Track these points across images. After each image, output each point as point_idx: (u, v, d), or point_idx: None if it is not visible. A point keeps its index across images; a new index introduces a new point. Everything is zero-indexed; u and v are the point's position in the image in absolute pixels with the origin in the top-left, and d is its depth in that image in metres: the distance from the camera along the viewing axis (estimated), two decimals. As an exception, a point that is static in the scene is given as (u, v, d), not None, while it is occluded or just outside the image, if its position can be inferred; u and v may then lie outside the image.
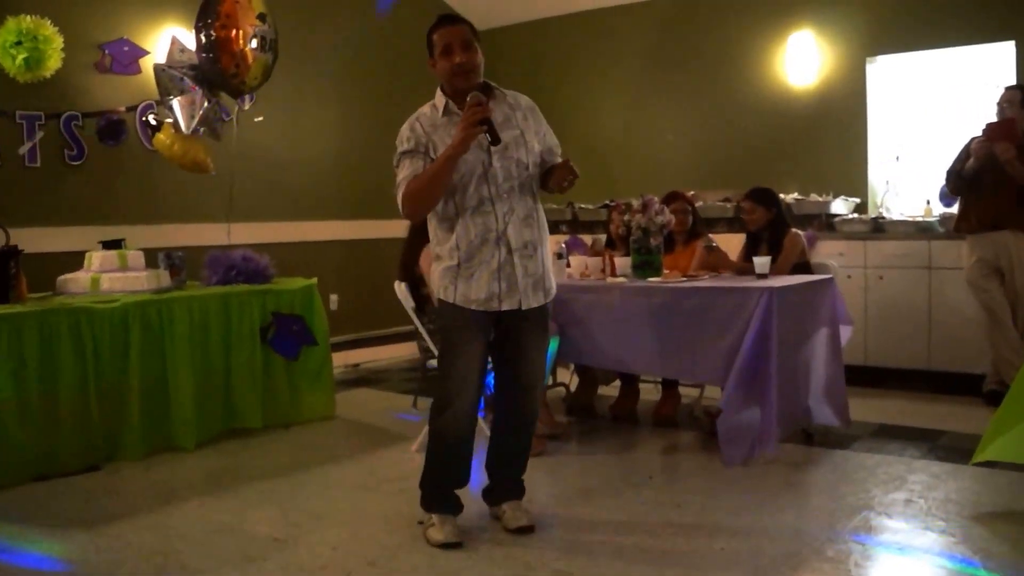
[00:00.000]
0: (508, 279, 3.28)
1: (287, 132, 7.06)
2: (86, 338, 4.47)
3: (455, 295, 3.30)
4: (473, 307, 3.29)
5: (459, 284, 3.29)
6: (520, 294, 3.30)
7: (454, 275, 3.30)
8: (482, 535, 3.45)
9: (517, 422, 3.51)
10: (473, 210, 3.26)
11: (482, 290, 3.27)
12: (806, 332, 4.54)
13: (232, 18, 5.15)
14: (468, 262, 3.28)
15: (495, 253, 3.27)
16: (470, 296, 3.28)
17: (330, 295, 6.88)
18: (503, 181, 3.27)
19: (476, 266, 3.27)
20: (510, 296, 3.30)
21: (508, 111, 3.37)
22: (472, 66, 3.27)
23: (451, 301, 3.31)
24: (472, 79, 3.27)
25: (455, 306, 3.30)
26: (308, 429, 5.25)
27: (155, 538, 3.52)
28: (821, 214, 6.46)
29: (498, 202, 3.27)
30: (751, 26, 7.20)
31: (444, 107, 3.31)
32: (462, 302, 3.29)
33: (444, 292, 3.33)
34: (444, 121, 3.29)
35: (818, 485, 4.04)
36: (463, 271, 3.29)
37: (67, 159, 5.83)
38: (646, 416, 5.30)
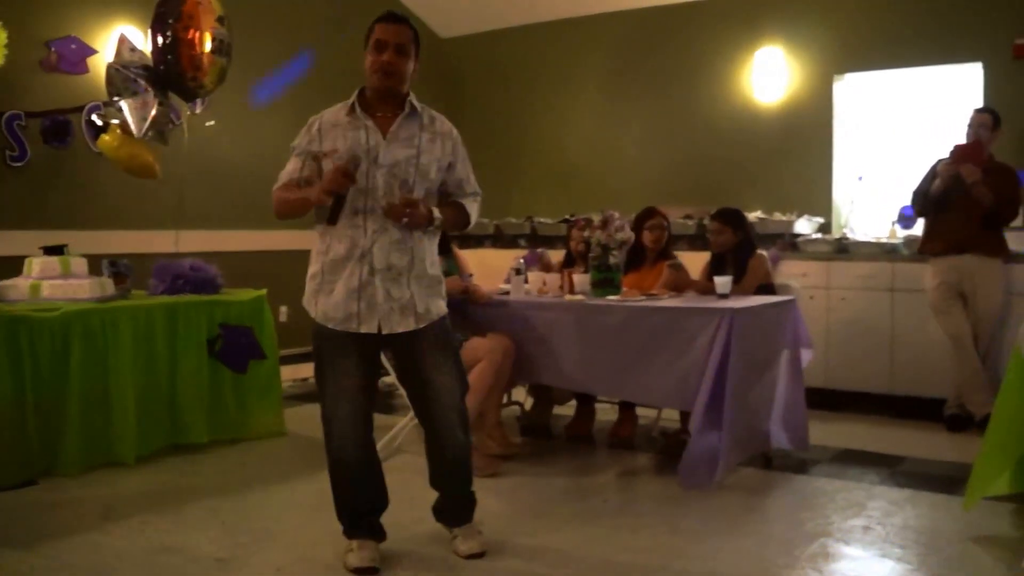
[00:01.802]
0: (368, 300, 3.17)
1: (238, 138, 6.92)
2: (24, 348, 4.30)
3: (316, 310, 3.23)
4: (331, 326, 3.19)
5: (320, 299, 3.21)
6: (380, 317, 3.17)
7: (317, 288, 3.22)
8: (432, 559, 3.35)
9: (441, 443, 3.35)
10: (345, 221, 3.16)
11: (339, 308, 3.17)
12: (766, 354, 4.49)
13: (194, 19, 5.06)
14: (331, 274, 3.20)
15: (356, 271, 3.17)
16: (328, 314, 3.19)
17: (279, 307, 6.73)
18: (382, 197, 3.15)
19: (336, 281, 3.19)
20: (369, 318, 3.17)
21: (416, 130, 3.24)
22: (394, 69, 3.16)
23: (313, 316, 3.24)
24: (390, 81, 3.18)
25: (319, 325, 3.22)
26: (256, 445, 5.10)
27: (93, 558, 3.39)
28: (784, 233, 6.42)
29: (370, 218, 3.16)
30: (718, 40, 7.17)
31: (350, 108, 3.23)
32: (322, 319, 3.21)
33: (308, 305, 3.26)
34: (346, 121, 3.21)
35: (777, 510, 3.98)
36: (325, 285, 3.20)
37: (8, 160, 5.64)
38: (603, 437, 5.21)
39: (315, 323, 3.24)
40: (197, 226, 6.40)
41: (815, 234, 6.47)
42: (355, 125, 3.19)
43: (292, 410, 5.62)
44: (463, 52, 8.33)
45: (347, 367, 3.20)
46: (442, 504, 3.48)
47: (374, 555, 3.25)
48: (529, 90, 8.18)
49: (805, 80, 6.80)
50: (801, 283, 5.53)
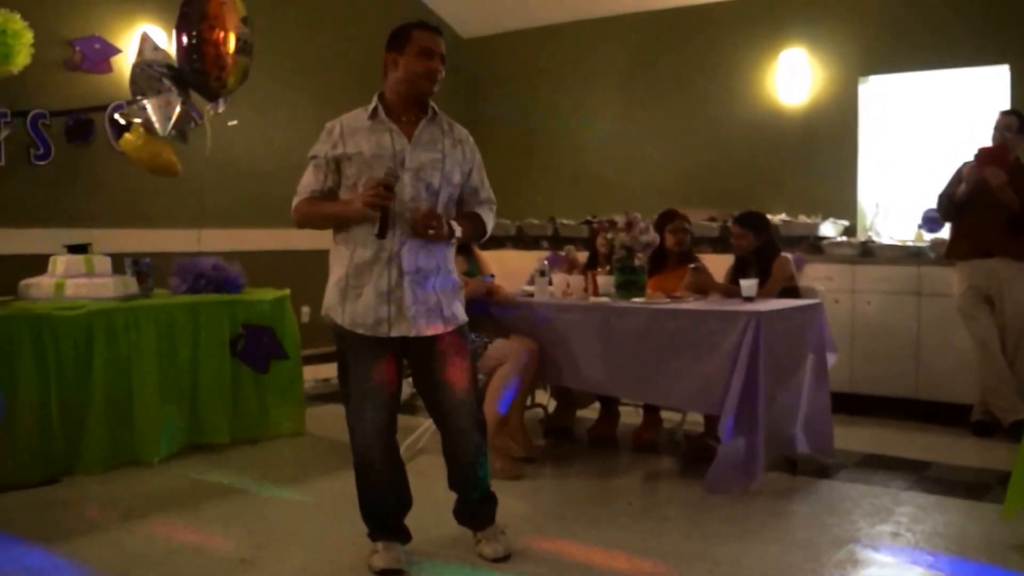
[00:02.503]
0: (397, 303, 3.16)
1: (260, 137, 6.91)
2: (48, 346, 4.32)
3: (343, 317, 3.19)
4: (360, 331, 3.17)
5: (347, 305, 3.19)
6: (409, 320, 3.17)
7: (342, 294, 3.19)
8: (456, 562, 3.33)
9: (456, 445, 3.34)
10: (372, 224, 3.13)
11: (369, 313, 3.16)
12: (792, 358, 4.44)
13: (220, 19, 5.06)
14: (356, 279, 3.18)
15: (384, 274, 3.16)
16: (357, 319, 3.17)
17: (301, 307, 6.71)
18: (408, 200, 3.15)
19: (363, 285, 3.17)
20: (399, 322, 3.17)
21: (438, 135, 3.27)
22: (440, 78, 3.23)
23: (339, 323, 3.20)
24: (435, 88, 3.23)
25: (346, 329, 3.19)
26: (276, 445, 5.10)
27: (113, 557, 3.39)
28: (809, 236, 6.36)
29: (398, 221, 3.15)
30: (741, 42, 7.11)
31: (373, 111, 3.22)
32: (350, 326, 3.18)
33: (333, 312, 3.22)
34: (368, 125, 3.20)
35: (802, 515, 3.92)
36: (351, 291, 3.18)
37: (32, 158, 5.64)
38: (626, 440, 5.17)
39: (339, 328, 3.21)
40: (219, 225, 6.40)
41: (840, 237, 6.41)
42: (379, 129, 3.19)
43: (313, 410, 5.61)
44: (485, 53, 8.30)
45: (373, 370, 3.19)
46: (461, 507, 3.46)
47: (399, 556, 3.24)
48: (550, 91, 8.14)
49: (829, 82, 6.74)
50: (826, 286, 5.47)
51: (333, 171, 3.21)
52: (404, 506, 3.35)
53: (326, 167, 3.22)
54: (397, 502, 3.34)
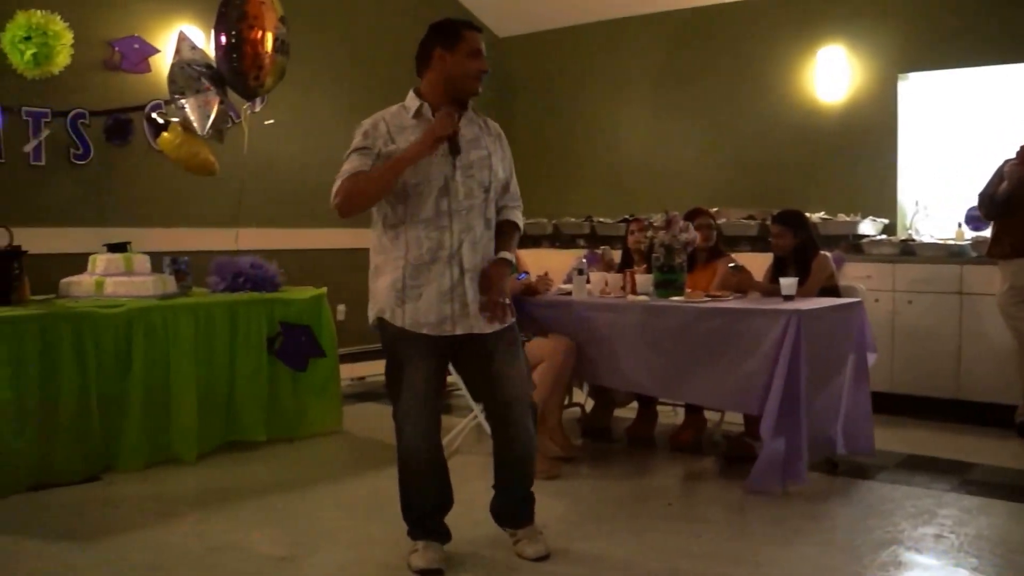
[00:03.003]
0: (460, 301, 3.15)
1: (297, 136, 6.93)
2: (88, 344, 4.36)
3: (403, 318, 3.15)
4: (424, 331, 3.14)
5: (407, 306, 3.15)
6: (472, 317, 3.17)
7: (399, 294, 3.15)
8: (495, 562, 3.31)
9: (511, 438, 3.30)
10: (427, 223, 3.14)
11: (432, 312, 3.14)
12: (833, 357, 4.39)
13: (259, 19, 5.07)
14: (415, 279, 3.15)
15: (446, 272, 3.14)
16: (419, 319, 3.14)
17: (337, 305, 6.73)
18: (463, 198, 3.16)
19: (423, 285, 3.14)
20: (463, 320, 3.16)
21: (479, 132, 3.28)
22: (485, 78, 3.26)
23: (399, 325, 3.16)
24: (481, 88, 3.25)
25: (403, 330, 3.16)
26: (313, 443, 5.11)
27: (153, 554, 3.41)
28: (848, 235, 6.28)
29: (456, 218, 3.15)
30: (778, 39, 7.04)
31: (417, 109, 3.21)
32: (412, 326, 3.15)
33: (391, 314, 3.17)
34: (413, 123, 3.19)
35: (843, 517, 3.88)
36: (409, 291, 3.15)
37: (72, 158, 5.69)
38: (664, 440, 5.14)
39: (395, 329, 3.18)
40: (256, 224, 6.43)
41: (879, 235, 6.32)
42: (424, 127, 3.17)
43: (348, 408, 5.63)
44: (520, 52, 8.28)
45: (425, 371, 3.18)
46: (502, 505, 3.44)
47: (439, 556, 3.23)
48: (586, 89, 8.10)
49: (868, 80, 6.65)
50: (865, 285, 5.40)
51: (380, 164, 3.14)
52: (446, 506, 3.34)
53: (374, 158, 3.15)
54: (440, 502, 3.33)
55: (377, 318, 3.24)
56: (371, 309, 3.28)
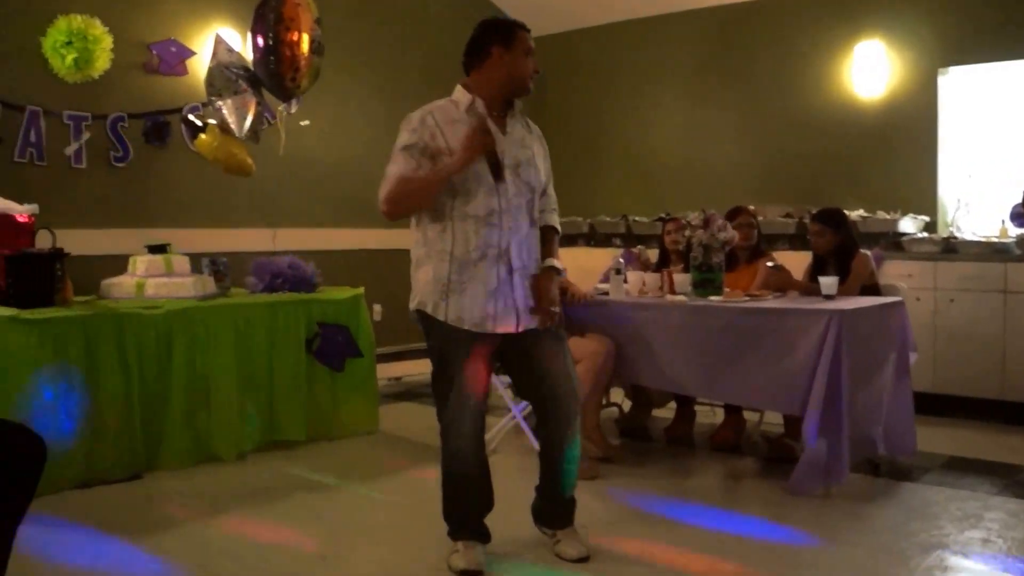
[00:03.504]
0: (505, 299, 3.15)
1: (332, 136, 6.97)
2: (130, 345, 4.41)
3: (447, 313, 3.14)
4: (467, 327, 3.13)
5: (451, 301, 3.14)
6: (516, 316, 3.17)
7: (444, 289, 3.14)
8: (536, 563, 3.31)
9: (561, 434, 3.29)
10: (477, 220, 3.13)
11: (476, 309, 3.13)
12: (874, 357, 4.32)
13: (295, 21, 5.09)
14: (460, 275, 3.14)
15: (494, 271, 3.14)
16: (464, 315, 3.13)
17: (374, 305, 6.76)
18: (512, 196, 3.17)
19: (469, 281, 3.13)
20: (506, 317, 3.15)
21: (524, 132, 3.29)
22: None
23: (443, 319, 3.15)
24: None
25: (447, 325, 3.15)
26: (351, 443, 5.13)
27: (197, 551, 3.44)
28: (888, 232, 6.21)
29: (506, 217, 3.15)
30: (815, 35, 6.98)
31: (469, 104, 3.19)
32: (455, 321, 3.14)
33: (434, 309, 3.16)
34: (463, 118, 3.18)
35: (886, 519, 3.81)
36: (454, 285, 3.14)
37: (112, 160, 5.75)
38: (703, 440, 5.10)
39: (438, 324, 3.17)
40: (293, 224, 6.47)
41: (920, 233, 6.24)
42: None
43: (385, 408, 5.64)
44: (555, 50, 8.25)
45: (472, 369, 3.17)
46: (544, 506, 3.43)
47: (480, 557, 3.22)
48: (621, 87, 8.07)
49: (908, 74, 6.57)
50: (906, 284, 5.33)
51: (427, 161, 3.14)
52: (487, 507, 3.34)
53: (420, 156, 3.14)
54: (482, 503, 3.32)
55: (418, 310, 3.23)
56: (412, 300, 3.27)
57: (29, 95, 5.37)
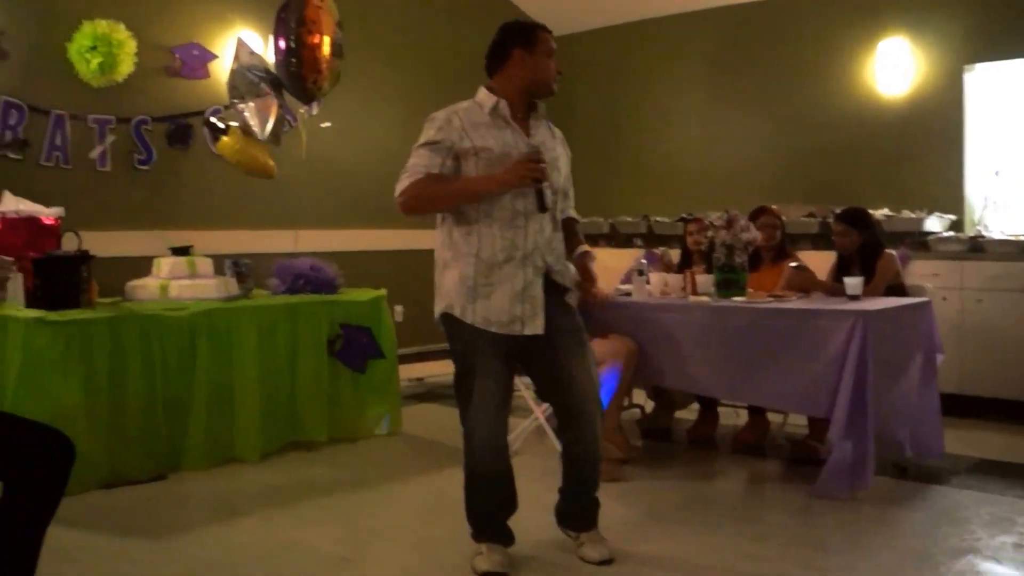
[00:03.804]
0: (532, 301, 3.14)
1: (353, 138, 6.98)
2: (154, 346, 4.43)
3: (473, 315, 3.13)
4: (494, 329, 3.12)
5: (478, 304, 3.13)
6: (542, 318, 3.16)
7: (471, 292, 3.13)
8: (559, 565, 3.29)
9: (583, 438, 3.28)
10: (502, 223, 3.12)
11: (503, 311, 3.12)
12: (900, 358, 4.28)
13: (317, 24, 5.12)
14: (486, 277, 3.13)
15: (519, 273, 3.13)
16: (491, 317, 3.12)
17: (395, 306, 6.76)
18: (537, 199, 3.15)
19: (495, 284, 3.12)
20: (532, 320, 3.14)
21: (547, 135, 3.30)
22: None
23: (469, 322, 3.14)
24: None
25: (473, 328, 3.13)
26: (373, 444, 5.13)
27: (219, 552, 3.45)
28: (914, 232, 6.14)
29: (531, 219, 3.14)
30: (838, 32, 6.93)
31: (493, 107, 3.18)
32: (482, 324, 3.13)
33: (461, 311, 3.15)
34: (488, 120, 3.17)
35: (915, 523, 3.77)
36: (481, 288, 3.13)
37: (136, 163, 5.79)
38: (726, 442, 5.07)
39: (464, 327, 3.16)
40: (314, 226, 6.48)
41: (946, 232, 6.18)
42: (499, 125, 3.18)
43: (407, 409, 5.63)
44: (574, 50, 8.23)
45: (496, 371, 3.16)
46: (567, 508, 3.41)
47: (503, 559, 3.21)
48: (641, 87, 8.05)
49: (932, 71, 6.50)
50: (932, 283, 5.28)
51: (452, 161, 3.13)
52: (511, 509, 3.32)
53: (445, 155, 3.13)
54: (505, 505, 3.31)
55: (444, 313, 3.22)
56: (438, 304, 3.26)
57: (55, 99, 5.41)
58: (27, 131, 5.32)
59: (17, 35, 5.27)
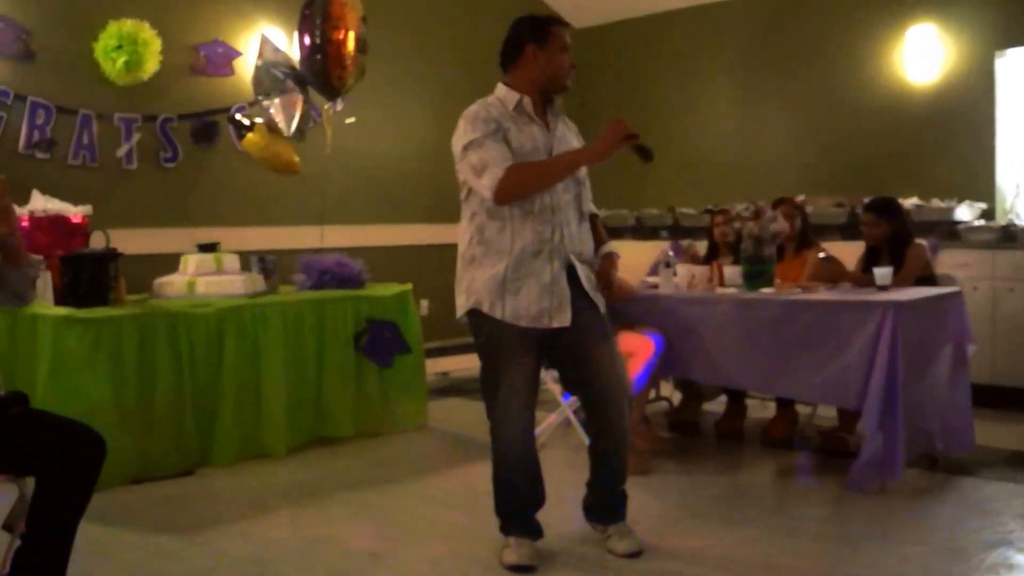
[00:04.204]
0: (559, 294, 3.13)
1: (378, 133, 6.98)
2: (183, 342, 4.45)
3: (503, 311, 3.12)
4: (523, 324, 3.11)
5: (507, 299, 3.12)
6: (569, 311, 3.15)
7: (500, 288, 3.12)
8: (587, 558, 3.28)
9: (612, 431, 3.27)
10: (533, 216, 3.12)
11: (532, 306, 3.11)
12: (931, 349, 4.23)
13: (342, 20, 5.12)
14: (516, 272, 3.12)
15: (547, 267, 3.12)
16: (519, 312, 3.11)
17: (421, 300, 6.77)
18: (561, 192, 3.16)
19: (524, 278, 3.11)
20: (560, 313, 3.13)
21: (565, 130, 3.29)
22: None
23: (499, 317, 3.13)
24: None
25: (502, 323, 3.13)
26: (399, 439, 5.13)
27: (248, 547, 3.46)
28: (944, 221, 6.07)
29: (557, 211, 3.14)
30: (865, 20, 6.85)
31: (517, 103, 3.18)
32: (511, 319, 3.12)
33: (491, 307, 3.14)
34: (514, 115, 3.16)
35: (946, 516, 3.72)
36: (511, 284, 3.11)
37: (162, 161, 5.82)
38: (754, 434, 5.03)
39: (492, 322, 3.15)
40: (340, 221, 6.50)
41: (977, 221, 6.10)
42: (524, 121, 3.18)
43: (433, 404, 5.63)
44: (598, 42, 8.21)
45: (523, 365, 3.15)
46: (595, 501, 3.41)
47: (532, 552, 3.20)
48: (665, 78, 8.00)
49: (963, 58, 6.42)
50: (963, 273, 5.21)
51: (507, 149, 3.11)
52: (539, 502, 3.32)
53: (502, 139, 3.10)
54: (534, 499, 3.30)
55: (472, 309, 3.20)
56: (465, 300, 3.23)
57: (81, 99, 5.45)
58: (54, 131, 5.36)
59: (44, 36, 5.31)
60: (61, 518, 2.47)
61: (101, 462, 2.53)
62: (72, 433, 2.54)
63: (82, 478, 2.48)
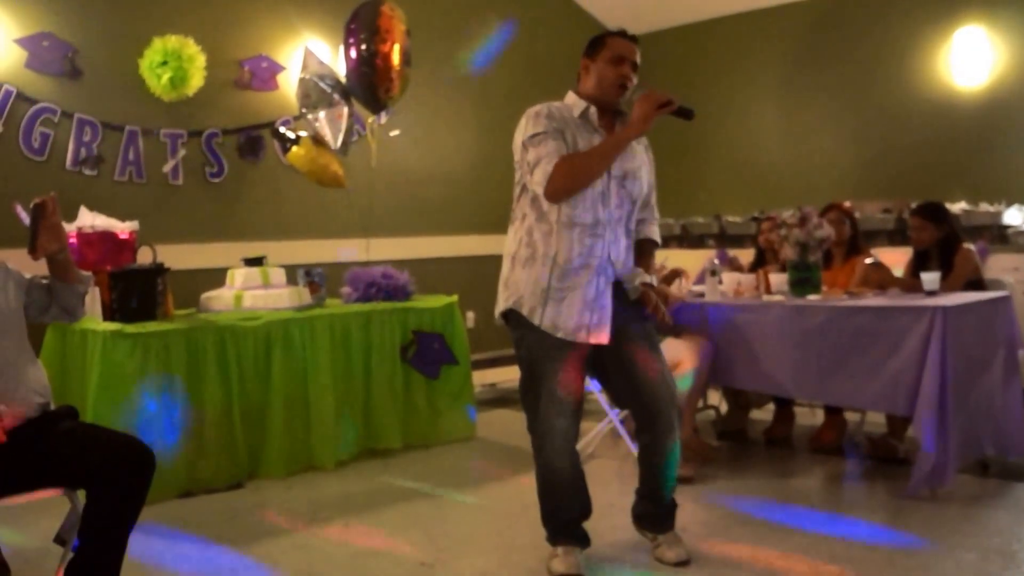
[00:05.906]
0: (600, 311, 3.11)
1: (422, 145, 7.01)
2: (231, 356, 4.50)
3: (542, 318, 3.11)
4: (560, 335, 3.10)
5: (548, 308, 3.11)
6: (610, 327, 3.13)
7: (543, 295, 3.11)
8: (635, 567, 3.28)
9: (662, 440, 3.24)
10: (583, 228, 3.10)
11: (572, 318, 3.10)
12: (981, 354, 4.17)
13: (390, 33, 5.15)
14: (561, 281, 3.10)
15: (593, 281, 3.11)
16: (559, 323, 3.10)
17: (467, 312, 6.78)
18: (615, 207, 3.15)
19: (568, 290, 3.10)
20: (599, 329, 3.11)
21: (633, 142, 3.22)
22: (631, 86, 3.21)
23: (537, 324, 3.12)
24: (624, 95, 3.20)
25: (539, 330, 3.12)
26: (448, 450, 5.15)
27: (301, 558, 3.49)
28: (993, 225, 5.99)
29: (609, 227, 3.13)
30: (911, 23, 6.79)
31: (583, 112, 3.18)
32: (549, 328, 3.11)
33: (530, 312, 3.13)
34: (578, 122, 3.16)
35: (998, 521, 3.67)
36: (554, 292, 3.10)
37: (208, 176, 5.89)
38: (802, 441, 4.99)
39: (532, 329, 3.15)
40: (386, 233, 6.53)
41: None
42: (588, 128, 3.17)
43: (481, 415, 5.64)
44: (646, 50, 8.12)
45: (564, 375, 3.13)
46: (645, 509, 3.39)
47: (579, 562, 3.20)
48: (713, 85, 7.96)
49: (1011, 60, 6.33)
50: (1013, 278, 5.13)
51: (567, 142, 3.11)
52: (585, 512, 3.31)
53: (562, 137, 3.10)
54: (580, 509, 3.29)
55: (510, 308, 3.19)
56: (506, 297, 3.23)
57: (127, 115, 5.52)
58: (101, 147, 5.45)
59: (90, 54, 5.40)
60: (112, 531, 2.51)
61: (151, 475, 2.56)
62: (122, 446, 2.57)
63: (132, 491, 2.51)
